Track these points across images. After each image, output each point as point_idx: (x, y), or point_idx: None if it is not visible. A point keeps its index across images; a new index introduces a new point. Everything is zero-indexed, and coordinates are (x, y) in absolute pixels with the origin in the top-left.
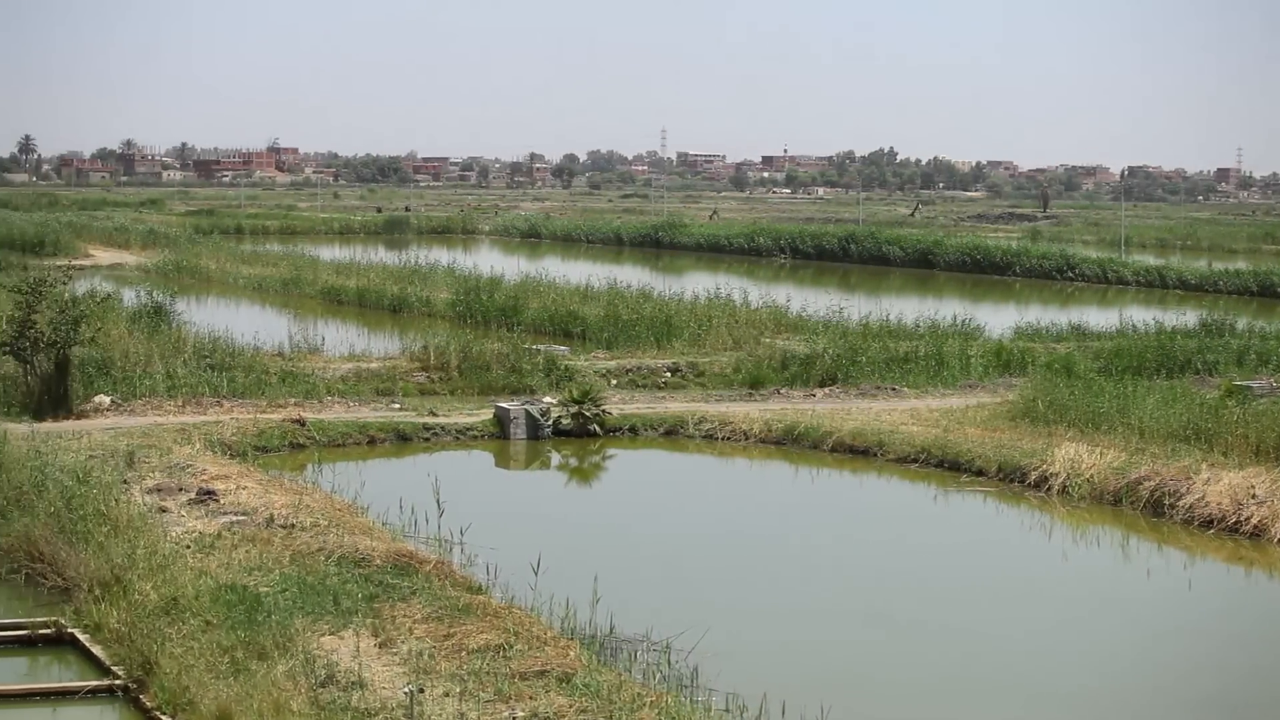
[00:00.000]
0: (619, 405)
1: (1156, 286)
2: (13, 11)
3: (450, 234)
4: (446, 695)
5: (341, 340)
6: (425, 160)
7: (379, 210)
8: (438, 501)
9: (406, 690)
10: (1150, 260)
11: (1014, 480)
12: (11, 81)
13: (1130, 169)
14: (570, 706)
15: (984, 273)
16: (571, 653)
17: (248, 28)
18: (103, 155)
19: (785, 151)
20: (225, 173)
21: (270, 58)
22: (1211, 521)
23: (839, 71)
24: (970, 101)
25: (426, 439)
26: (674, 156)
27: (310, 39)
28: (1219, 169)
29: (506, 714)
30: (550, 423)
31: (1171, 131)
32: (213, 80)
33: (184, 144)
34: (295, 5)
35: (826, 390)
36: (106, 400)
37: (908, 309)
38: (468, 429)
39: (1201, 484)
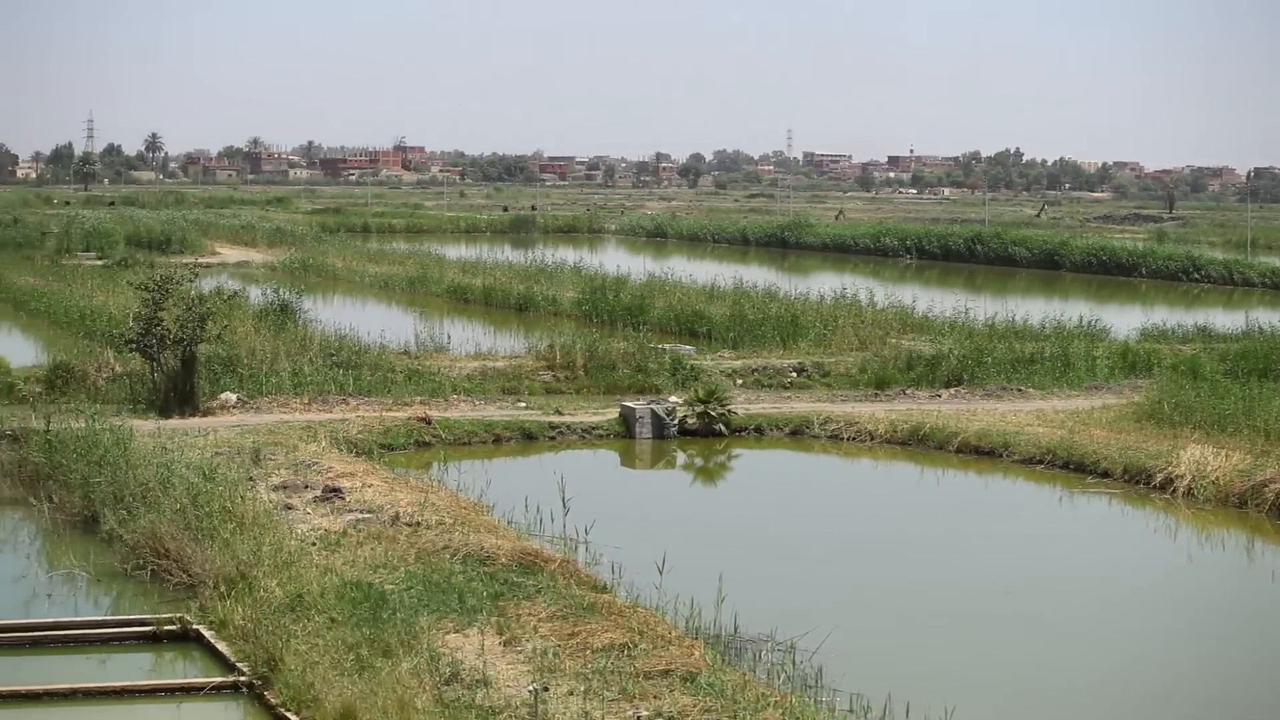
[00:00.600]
0: (744, 405)
1: None
2: (140, 11)
3: (576, 233)
4: (571, 694)
5: (467, 339)
6: (551, 159)
7: (505, 209)
8: (563, 500)
9: (531, 688)
10: (1277, 262)
11: (1139, 482)
12: (139, 79)
13: (1257, 170)
14: (694, 706)
15: (1110, 274)
16: (696, 652)
17: (376, 27)
18: (229, 153)
19: (911, 152)
20: (352, 171)
21: (398, 57)
22: None
23: (965, 72)
24: (1096, 102)
25: (552, 438)
26: (800, 157)
27: (438, 38)
28: None
29: (630, 713)
30: (675, 422)
31: None
32: (340, 79)
33: (310, 142)
34: (426, 5)
35: (952, 391)
36: (233, 398)
37: (1033, 310)
38: (593, 428)
39: None
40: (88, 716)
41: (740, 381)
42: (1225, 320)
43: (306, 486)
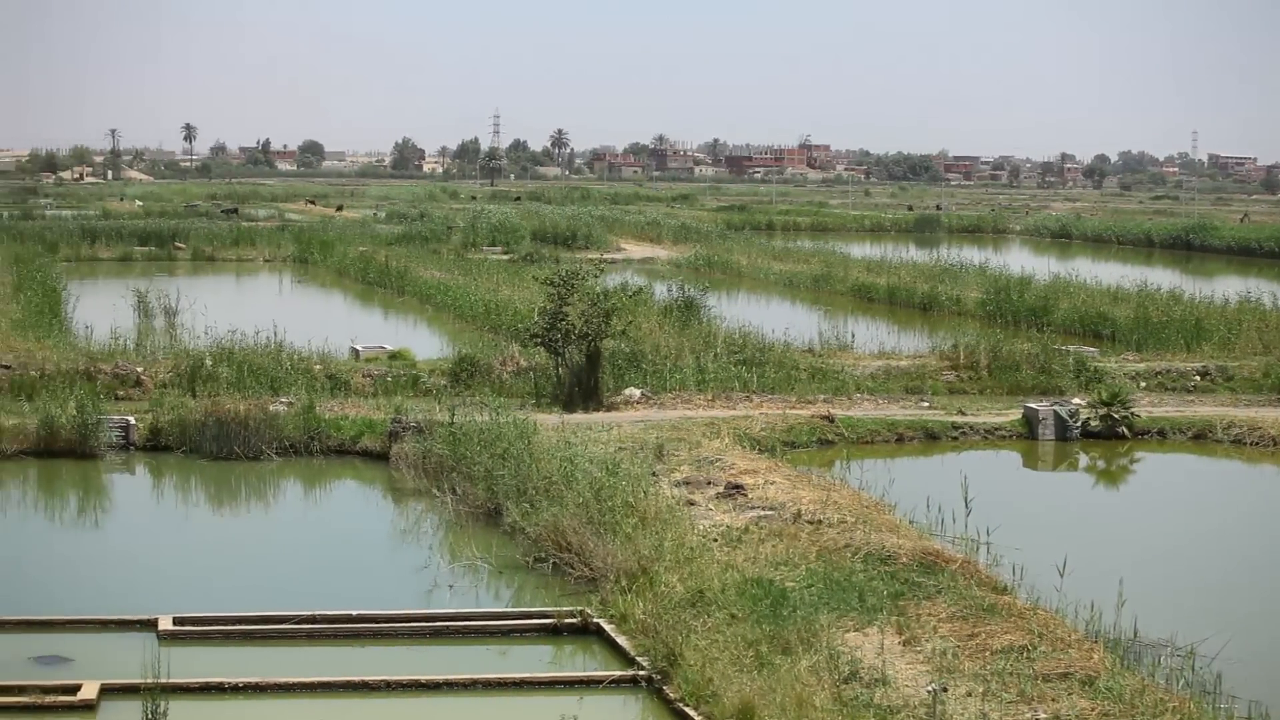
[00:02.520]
0: (1147, 408)
1: None
2: (542, 11)
3: (980, 233)
4: (969, 695)
5: (871, 337)
6: (956, 159)
7: (909, 208)
8: (965, 500)
9: (930, 689)
10: None
11: None
12: (545, 77)
13: None
14: (1093, 710)
15: None
16: (1095, 655)
17: (782, 25)
18: (635, 150)
19: None
20: (756, 169)
21: (803, 56)
22: None
23: None
24: None
25: (954, 438)
26: (1204, 158)
27: (842, 38)
28: None
29: (1029, 715)
30: (1078, 424)
31: None
32: (747, 77)
33: (715, 140)
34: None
35: None
36: (637, 393)
37: None
38: (996, 429)
39: None
40: (488, 707)
41: (1143, 384)
42: None
43: (709, 483)
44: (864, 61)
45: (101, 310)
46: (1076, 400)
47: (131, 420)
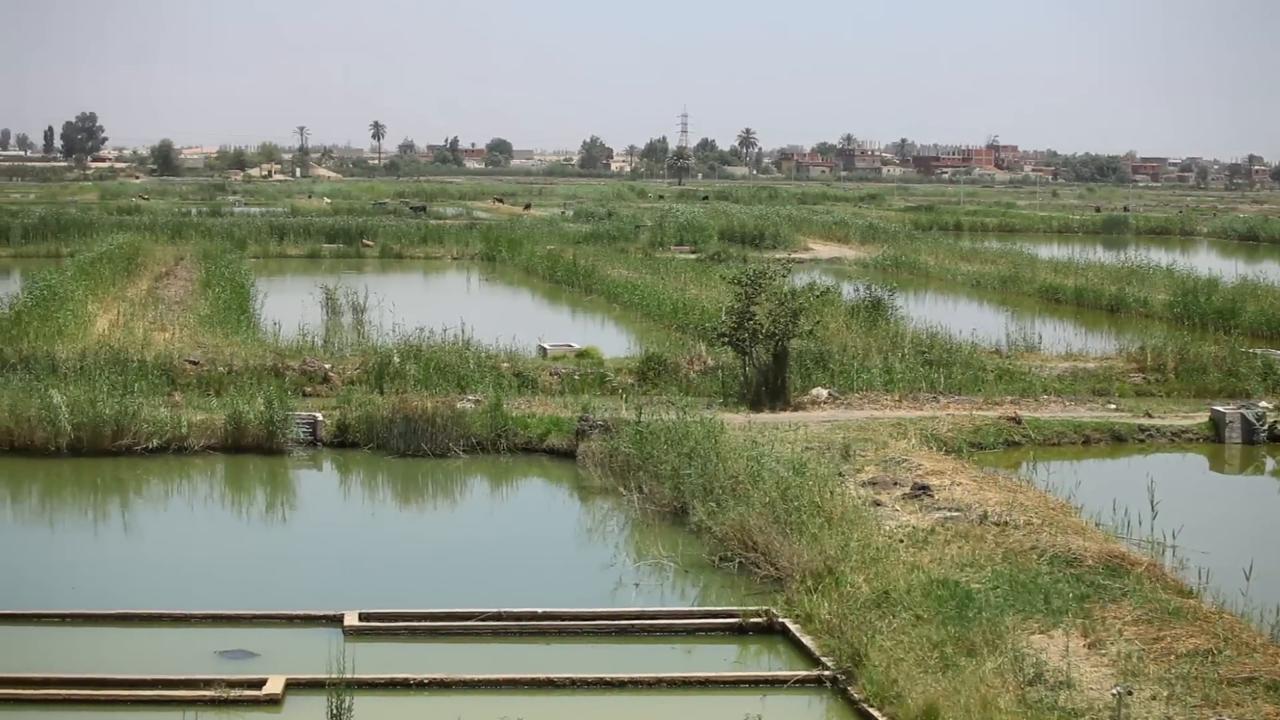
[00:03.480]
0: None
1: None
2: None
3: (1168, 235)
4: (1153, 698)
5: (1058, 339)
6: (1144, 160)
7: (1097, 210)
8: (1151, 503)
9: (1115, 692)
10: None
11: None
12: (731, 77)
13: None
14: (1278, 715)
15: None
16: None
17: (972, 27)
18: (823, 150)
19: None
20: (944, 169)
21: (993, 58)
22: None
23: None
24: None
25: (1141, 440)
26: None
27: (1028, 39)
28: None
29: None
30: (1266, 427)
31: None
32: (933, 78)
33: (904, 140)
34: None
35: None
36: (824, 393)
37: None
38: (1182, 431)
39: None
40: (672, 706)
41: None
42: None
43: (895, 483)
44: (1053, 63)
45: (289, 307)
46: (1264, 403)
47: (319, 416)
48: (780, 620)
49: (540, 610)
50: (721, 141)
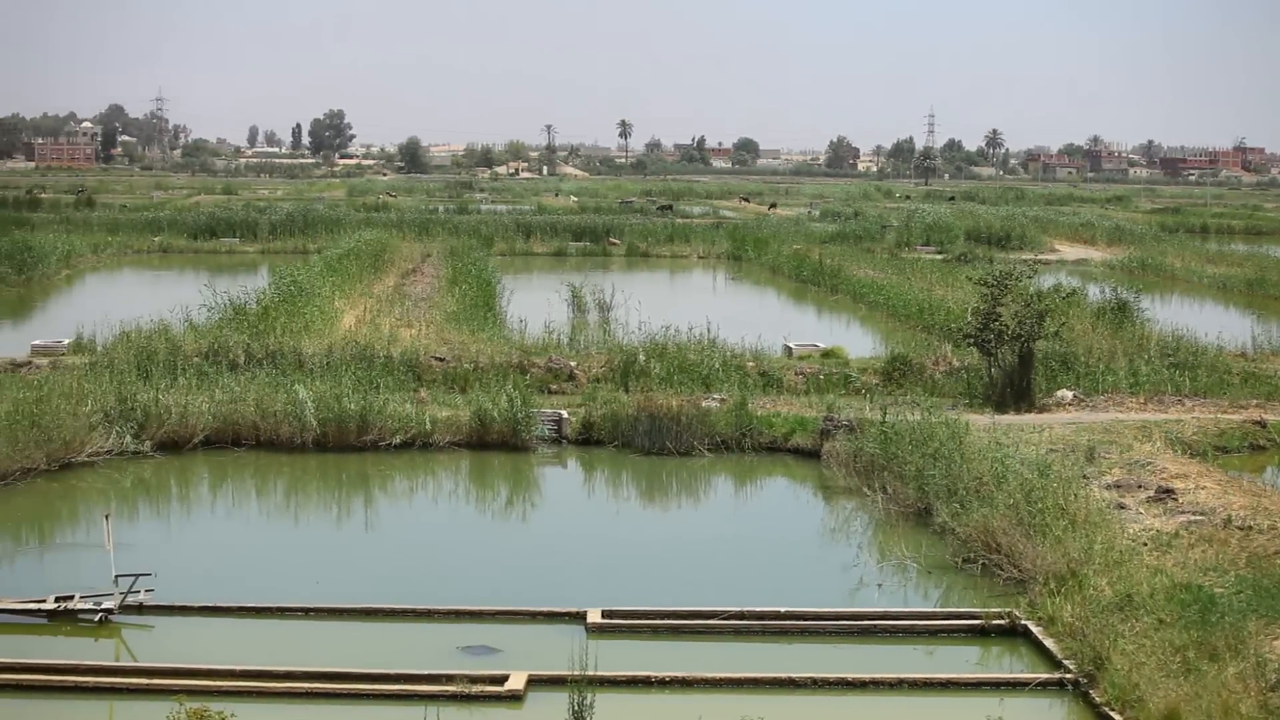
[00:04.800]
0: None
1: None
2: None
3: None
4: None
5: None
6: None
7: None
8: None
9: None
10: None
11: None
12: (978, 77)
13: None
14: None
15: None
16: None
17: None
18: (1069, 151)
19: None
20: (1191, 171)
21: (1237, 59)
22: None
23: None
24: None
25: None
26: None
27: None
28: None
29: None
30: None
31: None
32: (1180, 80)
33: (1150, 141)
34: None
35: None
36: (1069, 395)
37: None
38: None
39: None
40: (912, 707)
41: None
42: None
43: (1139, 486)
44: None
45: (535, 304)
46: None
47: (564, 414)
48: (1023, 622)
49: (782, 610)
50: (968, 142)
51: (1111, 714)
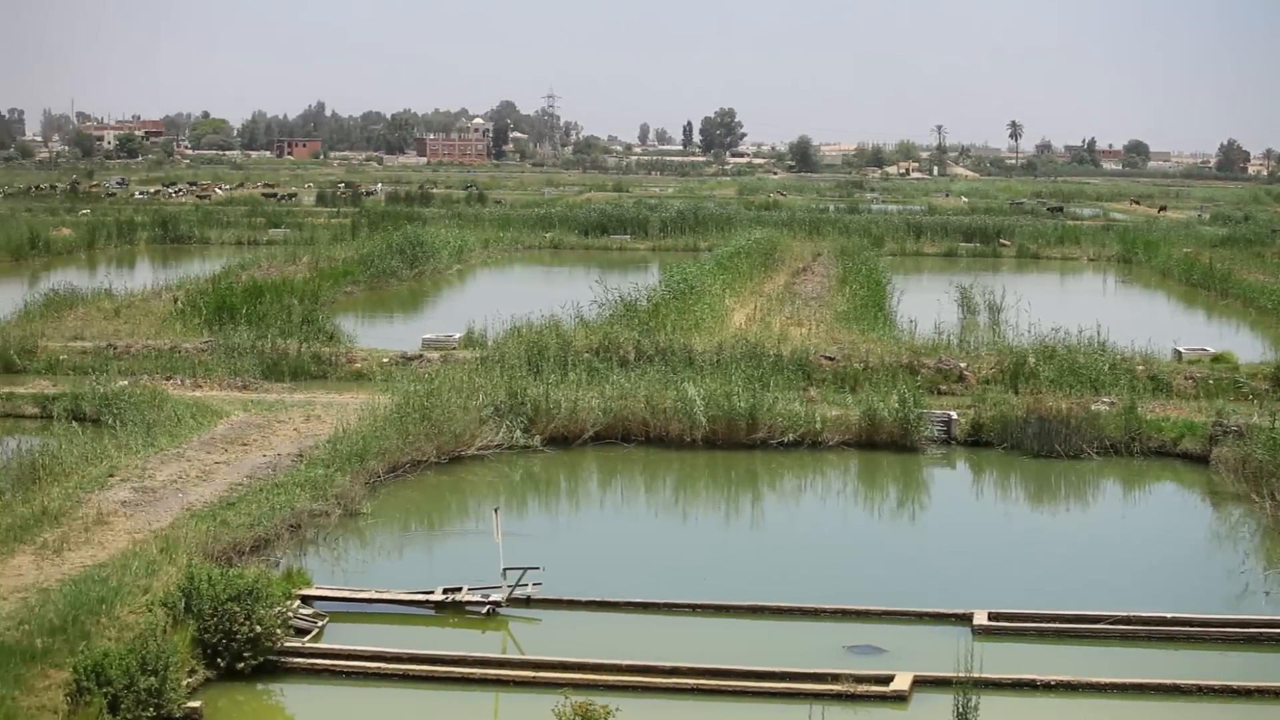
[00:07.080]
0: None
1: None
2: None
3: None
4: None
5: None
6: None
7: None
8: None
9: None
10: None
11: None
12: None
13: None
14: None
15: None
16: None
17: None
18: None
19: None
20: None
21: None
22: None
23: None
24: None
25: None
26: None
27: None
28: None
29: None
30: None
31: None
32: None
33: None
34: None
35: None
36: None
37: None
38: None
39: None
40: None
41: None
42: None
43: None
44: None
45: (924, 305)
46: None
47: (953, 415)
48: None
49: (1169, 615)
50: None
51: None
